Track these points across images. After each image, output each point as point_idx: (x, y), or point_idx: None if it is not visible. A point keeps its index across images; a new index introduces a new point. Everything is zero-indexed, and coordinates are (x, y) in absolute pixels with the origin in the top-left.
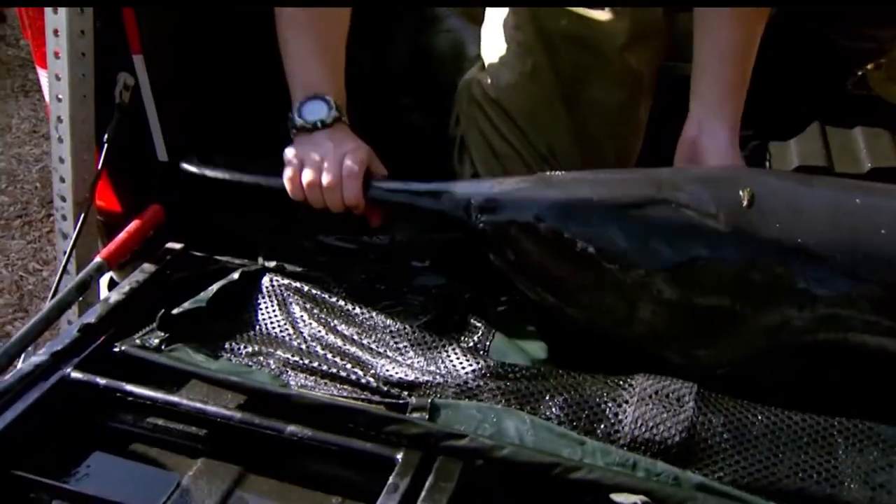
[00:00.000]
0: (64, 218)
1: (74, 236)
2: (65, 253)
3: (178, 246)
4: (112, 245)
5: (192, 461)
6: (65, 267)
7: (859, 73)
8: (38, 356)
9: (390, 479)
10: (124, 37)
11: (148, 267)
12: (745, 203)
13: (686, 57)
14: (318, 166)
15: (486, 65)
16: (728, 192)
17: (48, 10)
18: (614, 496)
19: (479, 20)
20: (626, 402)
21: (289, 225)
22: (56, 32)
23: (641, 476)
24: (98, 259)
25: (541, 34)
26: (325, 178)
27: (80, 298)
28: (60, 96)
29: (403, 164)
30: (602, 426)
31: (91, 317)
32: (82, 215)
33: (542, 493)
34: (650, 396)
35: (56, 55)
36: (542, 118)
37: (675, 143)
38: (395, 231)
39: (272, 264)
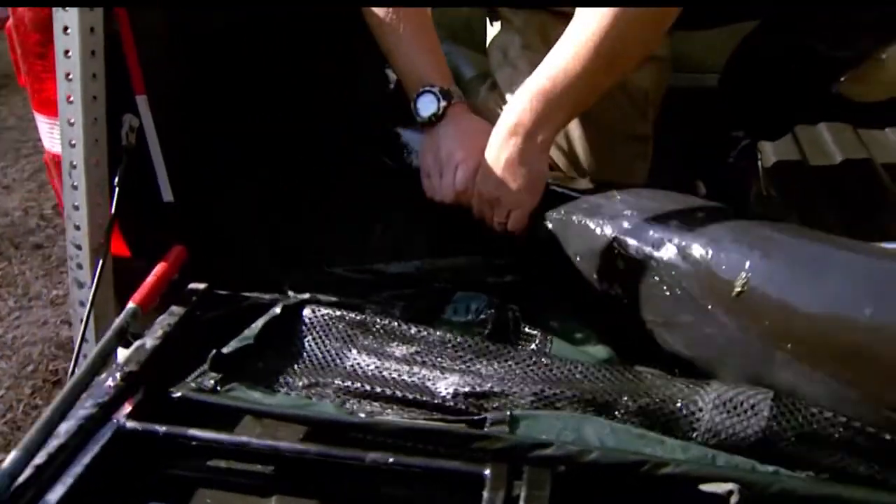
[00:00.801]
0: (79, 266)
1: (95, 284)
2: (82, 303)
3: (201, 286)
4: (143, 289)
5: (265, 500)
6: (88, 317)
7: (842, 79)
8: (85, 409)
9: (485, 494)
10: (127, 77)
11: (177, 309)
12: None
13: (681, 68)
14: (438, 187)
15: (499, 85)
16: None
17: (60, 55)
18: (704, 486)
19: (475, 43)
20: (701, 408)
21: (305, 259)
22: (68, 76)
23: (725, 467)
24: (132, 305)
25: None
26: (446, 197)
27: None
28: (74, 141)
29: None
30: (677, 432)
31: (132, 364)
32: (100, 263)
33: (631, 492)
34: (724, 403)
35: (68, 100)
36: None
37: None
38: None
39: (305, 296)
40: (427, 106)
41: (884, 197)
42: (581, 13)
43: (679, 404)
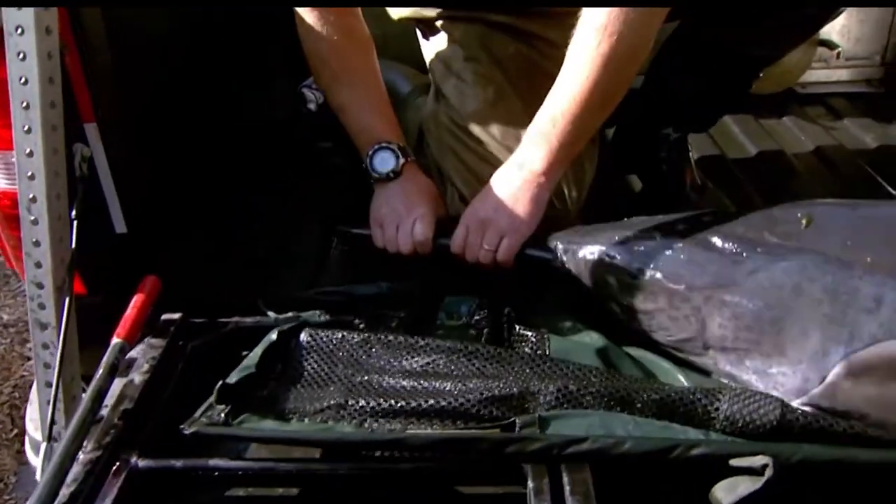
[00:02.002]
0: (42, 307)
1: (65, 325)
2: (45, 346)
3: (175, 316)
4: (125, 322)
5: None
6: (62, 359)
7: (761, 74)
8: (90, 452)
9: (530, 496)
10: (75, 106)
11: (156, 342)
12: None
13: None
14: (393, 238)
15: (445, 97)
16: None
17: (15, 83)
18: (735, 461)
19: (389, 57)
20: (718, 398)
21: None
22: (26, 105)
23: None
24: (117, 340)
25: (496, 63)
26: (403, 248)
27: None
28: (32, 174)
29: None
30: (696, 422)
31: (127, 401)
32: (66, 301)
33: (667, 477)
34: (739, 395)
35: (26, 130)
36: (510, 140)
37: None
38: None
39: (289, 314)
40: (385, 162)
41: (795, 178)
42: (573, 57)
43: (697, 395)
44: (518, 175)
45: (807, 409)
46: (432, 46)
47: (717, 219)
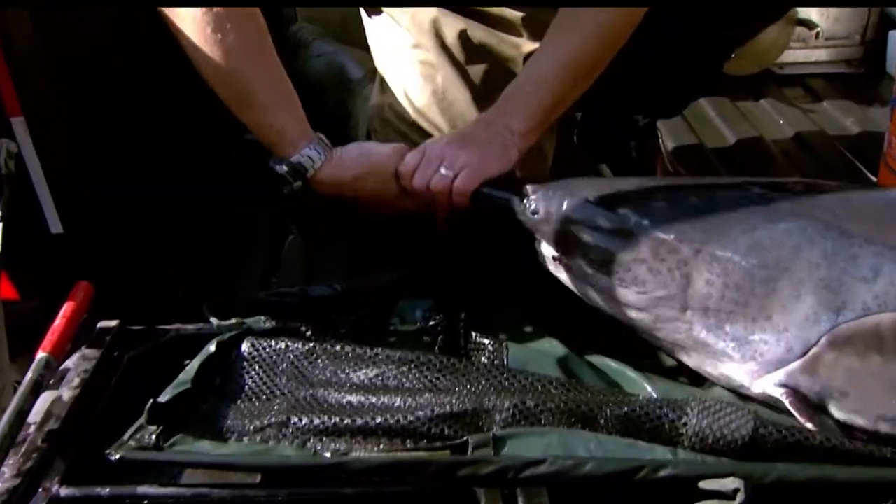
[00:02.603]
0: None
1: None
2: None
3: (113, 323)
4: (52, 335)
5: None
6: None
7: (732, 55)
8: (7, 480)
9: None
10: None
11: (90, 353)
12: None
13: None
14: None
15: (391, 88)
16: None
17: None
18: (704, 484)
19: (348, 41)
20: (686, 413)
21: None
22: None
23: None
24: (43, 354)
25: (443, 50)
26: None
27: None
28: None
29: None
30: (664, 438)
31: (53, 421)
32: None
33: (628, 500)
34: (709, 408)
35: None
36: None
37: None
38: None
39: (233, 321)
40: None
41: (772, 165)
42: (564, 20)
43: (664, 408)
44: (490, 129)
45: (782, 389)
46: (376, 28)
47: (712, 181)
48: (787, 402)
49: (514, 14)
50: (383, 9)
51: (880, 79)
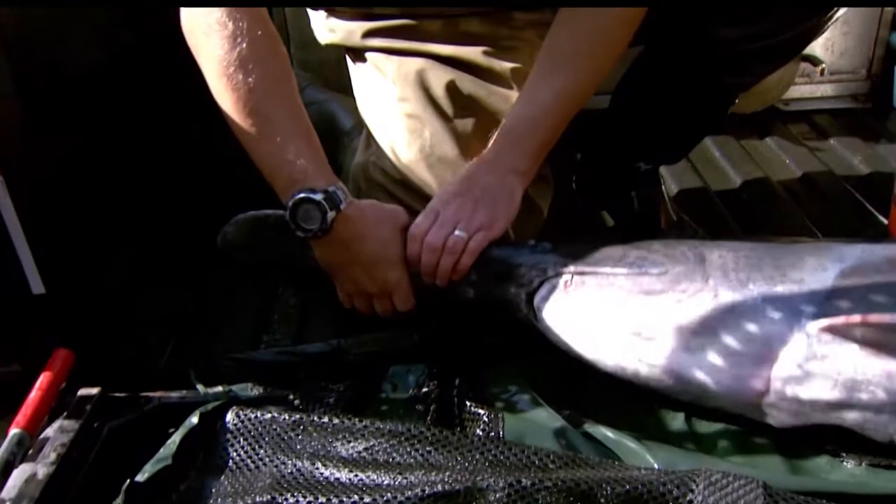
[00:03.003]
0: None
1: None
2: None
3: (93, 391)
4: (26, 409)
5: None
6: None
7: (736, 101)
8: None
9: None
10: None
11: (69, 425)
12: None
13: None
14: (370, 311)
15: (377, 144)
16: None
17: None
18: None
19: (344, 85)
20: (692, 489)
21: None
22: None
23: None
24: (16, 430)
25: (430, 103)
26: (378, 308)
27: None
28: None
29: None
30: None
31: (26, 502)
32: None
33: None
34: (715, 483)
35: None
36: None
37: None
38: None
39: (219, 389)
40: (310, 217)
41: (779, 208)
42: (551, 53)
43: (668, 486)
44: (495, 174)
45: (817, 323)
46: (361, 78)
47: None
48: (826, 332)
49: (504, 66)
50: (368, 57)
51: (887, 113)
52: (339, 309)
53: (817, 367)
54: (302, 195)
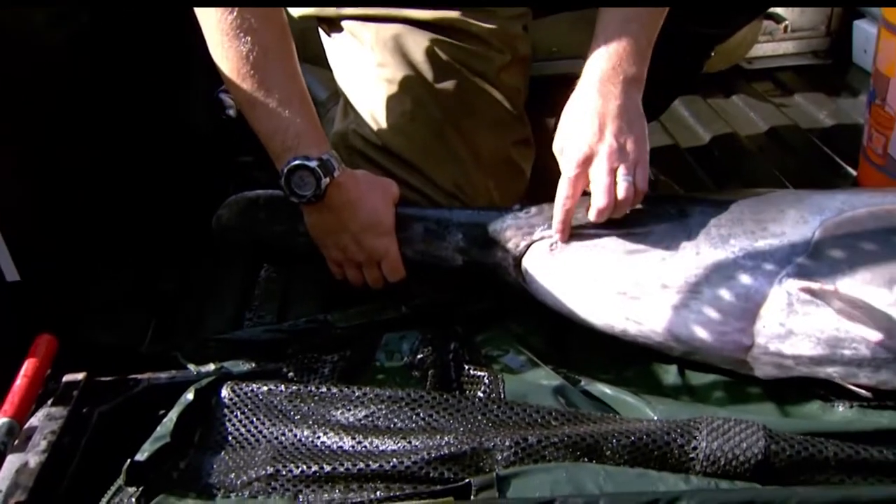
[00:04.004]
0: None
1: None
2: None
3: (79, 376)
4: (13, 397)
5: None
6: None
7: (713, 54)
8: None
9: None
10: None
11: (57, 411)
12: None
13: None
14: (359, 281)
15: (356, 111)
16: None
17: None
18: None
19: (309, 58)
20: (695, 437)
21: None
22: None
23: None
24: (4, 419)
25: (410, 68)
26: (369, 278)
27: None
28: None
29: None
30: (674, 465)
31: (20, 493)
32: None
33: None
34: (718, 428)
35: None
36: (437, 153)
37: None
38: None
39: (210, 367)
40: (304, 184)
41: (749, 162)
42: None
43: (672, 435)
44: (619, 88)
45: (798, 282)
46: (337, 47)
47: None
48: (805, 292)
49: (483, 27)
50: (343, 26)
51: (847, 68)
52: (324, 284)
53: (799, 325)
54: (297, 162)
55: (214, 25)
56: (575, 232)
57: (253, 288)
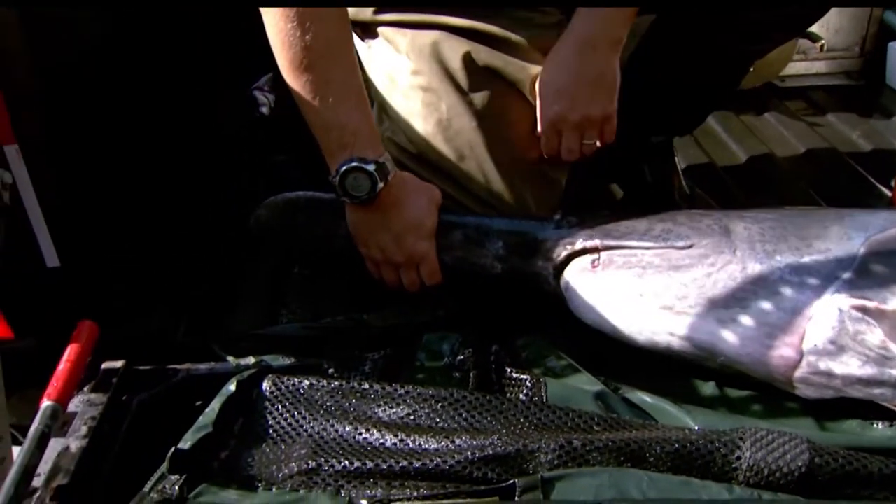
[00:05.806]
0: None
1: None
2: None
3: (118, 364)
4: (57, 382)
5: None
6: None
7: (751, 69)
8: None
9: None
10: None
11: (96, 397)
12: None
13: None
14: (396, 283)
15: (390, 118)
16: None
17: None
18: None
19: None
20: (739, 447)
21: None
22: None
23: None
24: (49, 403)
25: (446, 75)
26: (406, 280)
27: None
28: None
29: None
30: (717, 475)
31: (62, 476)
32: None
33: None
34: (761, 439)
35: None
36: (472, 162)
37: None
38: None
39: (250, 360)
40: (358, 185)
41: (783, 180)
42: None
43: (715, 445)
44: (598, 52)
45: (849, 299)
46: (372, 53)
47: None
48: (857, 310)
49: (519, 36)
50: (380, 32)
51: (880, 90)
52: (356, 284)
53: (849, 343)
54: (354, 164)
55: (274, 18)
56: (615, 244)
57: (285, 285)
